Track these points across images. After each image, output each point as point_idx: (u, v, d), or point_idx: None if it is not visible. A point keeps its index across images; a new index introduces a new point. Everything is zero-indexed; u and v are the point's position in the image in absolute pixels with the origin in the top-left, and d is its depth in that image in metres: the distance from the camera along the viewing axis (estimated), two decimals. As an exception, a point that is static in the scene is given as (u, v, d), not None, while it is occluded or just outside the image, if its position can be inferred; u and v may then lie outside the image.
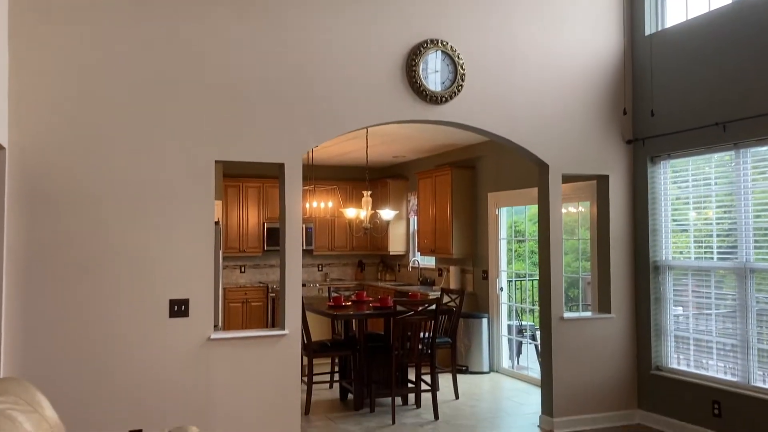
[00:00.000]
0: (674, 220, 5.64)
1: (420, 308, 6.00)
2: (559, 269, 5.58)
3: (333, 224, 10.49)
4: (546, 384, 5.58)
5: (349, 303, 6.64)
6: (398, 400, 6.37)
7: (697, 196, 5.42)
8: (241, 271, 10.26)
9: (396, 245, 10.29)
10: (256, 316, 9.71)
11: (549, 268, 5.55)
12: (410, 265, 9.97)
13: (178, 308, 4.47)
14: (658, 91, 5.57)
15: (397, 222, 10.18)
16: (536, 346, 7.87)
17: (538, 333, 7.97)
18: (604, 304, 5.83)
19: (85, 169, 4.32)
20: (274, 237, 9.92)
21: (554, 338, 5.52)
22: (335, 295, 7.15)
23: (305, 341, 6.11)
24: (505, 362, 7.95)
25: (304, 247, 10.23)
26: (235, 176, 9.84)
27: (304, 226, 10.11)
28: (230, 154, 4.71)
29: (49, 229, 4.23)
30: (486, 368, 7.89)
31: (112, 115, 4.39)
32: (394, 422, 5.71)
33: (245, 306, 9.72)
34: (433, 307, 5.97)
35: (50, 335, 4.20)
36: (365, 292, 7.07)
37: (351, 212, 7.15)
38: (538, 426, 5.60)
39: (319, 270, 10.82)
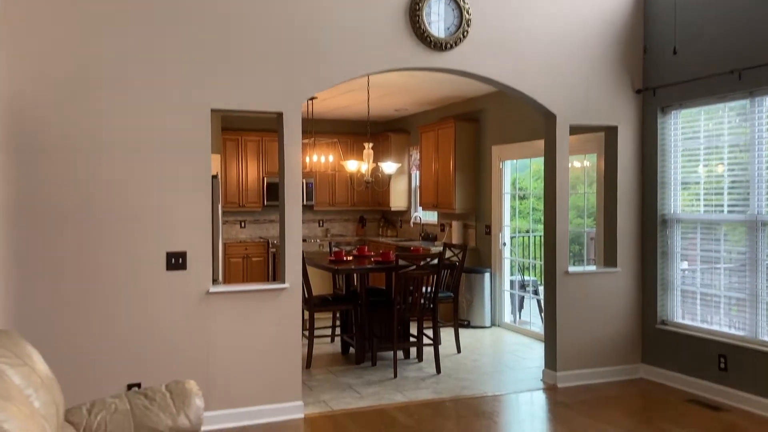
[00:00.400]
0: (684, 173, 5.49)
1: (422, 262, 5.90)
2: (565, 222, 5.46)
3: (334, 179, 10.34)
4: (549, 338, 5.52)
5: (351, 258, 6.54)
6: (400, 354, 6.33)
7: (708, 147, 5.26)
8: (241, 226, 10.16)
9: (397, 200, 10.17)
10: (257, 272, 9.65)
11: (555, 221, 5.43)
12: (412, 220, 9.87)
13: (176, 261, 4.37)
14: (673, 36, 5.35)
15: (399, 177, 10.03)
16: (539, 300, 7.83)
17: (540, 288, 7.94)
18: (610, 258, 5.72)
19: (78, 118, 4.15)
20: (274, 192, 9.79)
21: (559, 292, 5.44)
22: (336, 249, 7.06)
23: (306, 295, 6.03)
24: (507, 317, 7.91)
25: (305, 203, 10.11)
26: (233, 129, 9.66)
27: (304, 180, 9.99)
28: (227, 102, 4.54)
29: (42, 179, 4.09)
30: (488, 323, 7.86)
31: (104, 63, 4.20)
32: (395, 376, 5.67)
33: (246, 261, 9.65)
34: (436, 261, 5.87)
35: (44, 288, 4.10)
36: (366, 247, 6.97)
37: (352, 165, 6.99)
38: (541, 380, 5.56)
39: (319, 225, 10.72)
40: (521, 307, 8.08)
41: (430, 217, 9.58)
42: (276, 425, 4.49)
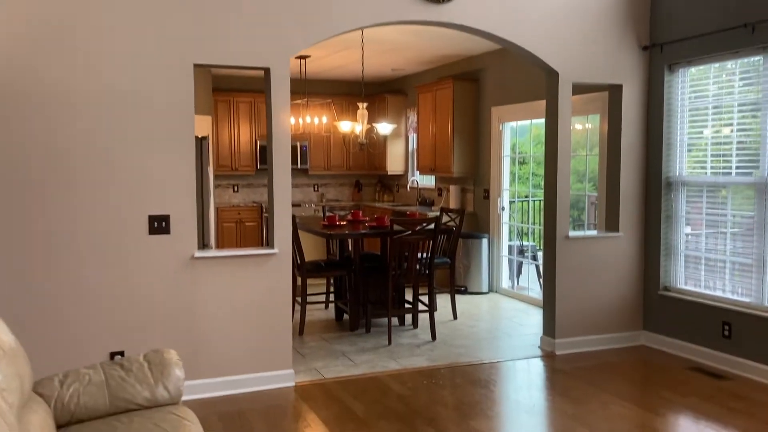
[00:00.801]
0: (690, 134, 5.27)
1: (418, 227, 5.71)
2: (566, 184, 5.25)
3: (329, 142, 10.09)
4: (548, 304, 5.36)
5: (344, 222, 6.35)
6: (395, 320, 6.19)
7: (717, 106, 5.03)
8: (234, 191, 9.94)
9: (394, 164, 9.93)
10: (250, 237, 9.48)
11: (555, 184, 5.23)
12: (409, 185, 9.65)
13: (158, 225, 4.17)
14: (681, -9, 5.07)
15: (396, 140, 9.79)
16: (537, 266, 7.68)
17: (539, 253, 7.78)
18: (611, 223, 5.54)
19: (51, 74, 3.91)
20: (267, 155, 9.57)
21: (558, 257, 5.26)
22: (330, 214, 6.86)
23: (298, 261, 5.86)
24: (505, 283, 7.77)
25: (299, 166, 9.89)
26: (224, 90, 9.38)
27: (298, 143, 9.76)
28: (211, 57, 4.29)
29: (15, 140, 3.87)
30: (485, 289, 7.71)
31: (79, 14, 3.94)
32: (390, 343, 5.53)
33: (239, 226, 9.47)
34: (432, 226, 5.68)
35: (19, 254, 3.91)
36: (361, 212, 6.77)
37: (346, 126, 6.74)
38: (539, 347, 5.43)
39: (314, 190, 10.50)
40: (519, 272, 7.93)
41: (428, 181, 9.37)
42: (265, 394, 4.35)
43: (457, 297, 6.96)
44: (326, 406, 4.15)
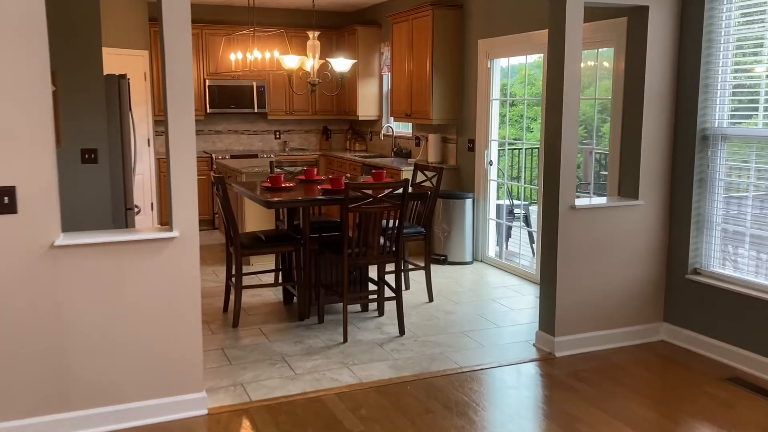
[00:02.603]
0: (737, 71, 4.02)
1: (385, 192, 4.45)
2: (573, 142, 4.02)
3: (291, 81, 8.68)
4: (546, 294, 4.20)
5: (292, 183, 5.08)
6: (357, 306, 5.04)
7: (777, 34, 3.77)
8: (181, 139, 8.60)
9: (366, 108, 8.60)
10: (200, 192, 8.15)
11: (559, 141, 3.99)
12: (382, 132, 8.35)
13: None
14: None
15: (369, 80, 8.44)
16: (530, 232, 6.53)
17: (531, 209, 6.64)
18: (629, 188, 4.34)
19: None
20: (218, 97, 8.27)
21: (561, 234, 4.08)
22: (277, 171, 5.60)
23: (231, 234, 4.65)
24: (492, 250, 6.60)
25: (256, 110, 8.55)
26: (164, 21, 7.91)
27: (254, 83, 8.44)
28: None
29: None
30: (468, 257, 6.54)
31: None
32: (345, 340, 4.38)
33: (186, 181, 8.17)
34: (401, 191, 4.45)
35: None
36: (316, 169, 5.49)
37: (292, 61, 5.39)
38: (534, 344, 4.31)
39: (276, 137, 9.17)
40: (509, 236, 6.78)
41: (405, 128, 8.07)
42: (165, 428, 3.20)
43: (436, 268, 5.83)
44: (242, 451, 3.01)
